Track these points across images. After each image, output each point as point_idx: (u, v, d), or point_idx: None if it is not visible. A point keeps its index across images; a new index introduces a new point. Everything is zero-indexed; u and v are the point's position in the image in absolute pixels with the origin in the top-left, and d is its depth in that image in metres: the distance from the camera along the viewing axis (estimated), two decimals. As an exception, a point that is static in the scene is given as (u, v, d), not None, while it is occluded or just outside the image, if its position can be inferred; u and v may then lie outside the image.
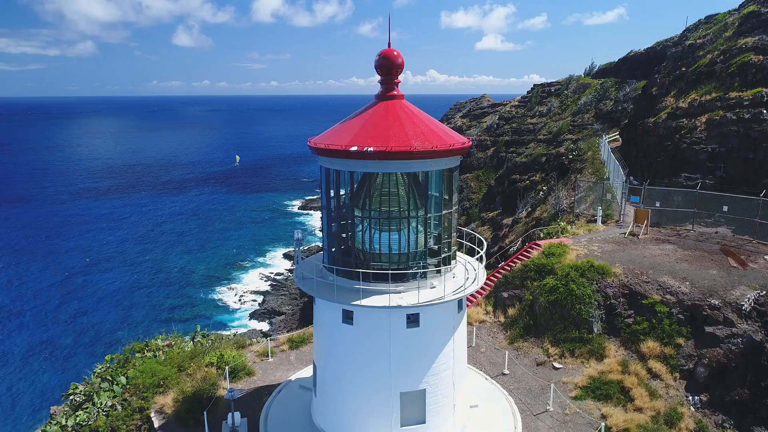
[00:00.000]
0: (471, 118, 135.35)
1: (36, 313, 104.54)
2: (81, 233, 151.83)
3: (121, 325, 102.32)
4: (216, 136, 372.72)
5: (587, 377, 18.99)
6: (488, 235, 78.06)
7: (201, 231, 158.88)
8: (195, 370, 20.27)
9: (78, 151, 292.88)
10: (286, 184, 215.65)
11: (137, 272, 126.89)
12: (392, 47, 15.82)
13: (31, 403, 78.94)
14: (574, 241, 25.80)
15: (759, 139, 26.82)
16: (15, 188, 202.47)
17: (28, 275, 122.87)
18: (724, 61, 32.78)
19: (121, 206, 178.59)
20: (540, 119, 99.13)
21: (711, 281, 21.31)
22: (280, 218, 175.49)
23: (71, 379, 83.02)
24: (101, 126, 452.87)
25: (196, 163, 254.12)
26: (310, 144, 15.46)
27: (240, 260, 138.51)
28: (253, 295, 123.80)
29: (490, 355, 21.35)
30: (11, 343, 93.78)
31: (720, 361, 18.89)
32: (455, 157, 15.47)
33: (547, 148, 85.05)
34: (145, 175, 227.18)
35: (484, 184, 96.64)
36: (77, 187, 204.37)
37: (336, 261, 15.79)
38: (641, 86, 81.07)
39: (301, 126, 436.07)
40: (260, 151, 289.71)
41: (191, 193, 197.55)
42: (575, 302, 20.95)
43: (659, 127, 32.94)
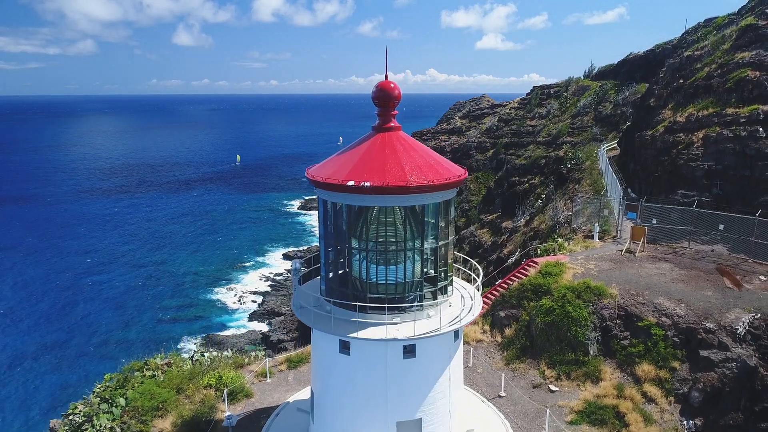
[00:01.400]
0: (470, 119, 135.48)
1: (37, 314, 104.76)
2: (82, 233, 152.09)
3: (121, 326, 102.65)
4: (216, 135, 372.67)
5: (583, 401, 19.15)
6: (487, 238, 78.29)
7: (201, 231, 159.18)
8: (194, 392, 20.43)
9: (79, 151, 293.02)
10: (286, 184, 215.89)
11: (137, 273, 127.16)
12: (389, 80, 15.95)
13: (30, 403, 79.16)
14: (571, 259, 25.94)
15: (755, 157, 26.95)
16: (16, 187, 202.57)
17: (29, 275, 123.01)
18: (721, 75, 32.89)
19: (122, 207, 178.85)
20: (539, 121, 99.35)
21: (706, 303, 21.45)
22: (279, 218, 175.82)
23: (71, 380, 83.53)
24: (102, 125, 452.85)
25: (197, 163, 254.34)
26: (308, 175, 15.60)
27: (240, 261, 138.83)
28: (252, 296, 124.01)
29: (486, 376, 21.51)
30: (13, 343, 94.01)
31: (714, 385, 19.04)
32: (451, 190, 15.58)
33: (547, 151, 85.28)
34: (146, 175, 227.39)
35: (483, 185, 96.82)
36: (78, 187, 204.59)
37: (333, 292, 15.91)
38: (641, 89, 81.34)
39: (301, 125, 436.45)
40: (260, 151, 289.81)
41: (192, 193, 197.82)
42: (571, 324, 21.11)
43: (657, 141, 33.06)
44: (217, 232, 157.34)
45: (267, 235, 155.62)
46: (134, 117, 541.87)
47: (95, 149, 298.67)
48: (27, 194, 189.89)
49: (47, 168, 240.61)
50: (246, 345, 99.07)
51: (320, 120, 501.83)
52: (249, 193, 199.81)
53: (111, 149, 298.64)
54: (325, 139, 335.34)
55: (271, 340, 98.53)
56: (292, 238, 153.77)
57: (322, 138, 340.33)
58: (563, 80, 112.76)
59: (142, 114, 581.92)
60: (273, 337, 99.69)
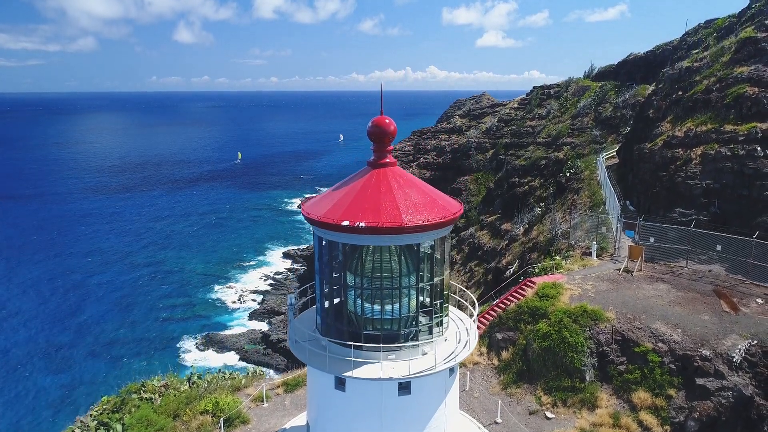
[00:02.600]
0: (470, 119, 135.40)
1: (39, 313, 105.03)
2: (83, 232, 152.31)
3: (122, 325, 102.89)
4: (217, 132, 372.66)
5: (579, 430, 19.18)
6: (487, 240, 78.32)
7: (202, 230, 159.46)
8: (190, 418, 20.47)
9: (82, 149, 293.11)
10: (287, 182, 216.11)
11: (138, 272, 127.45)
12: (384, 115, 15.92)
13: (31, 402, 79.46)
14: (569, 279, 25.95)
15: (753, 176, 26.92)
16: (18, 185, 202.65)
17: (32, 274, 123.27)
18: (719, 90, 32.81)
19: (124, 205, 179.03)
20: (539, 122, 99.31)
21: (703, 328, 21.47)
22: (280, 217, 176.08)
23: (72, 379, 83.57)
24: (104, 122, 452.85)
25: (199, 161, 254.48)
26: (303, 212, 15.56)
27: (240, 259, 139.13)
28: (252, 295, 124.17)
29: (483, 401, 21.54)
30: (15, 342, 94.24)
31: (711, 414, 19.07)
32: (447, 227, 15.55)
33: (546, 152, 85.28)
34: (148, 173, 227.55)
35: (483, 186, 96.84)
36: (79, 186, 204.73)
37: (328, 327, 15.93)
38: (641, 92, 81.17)
39: (302, 123, 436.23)
40: (261, 148, 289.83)
41: (193, 192, 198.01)
42: (568, 350, 21.13)
43: (655, 155, 33.02)
44: (218, 230, 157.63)
45: (267, 233, 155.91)
46: (135, 114, 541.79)
47: (97, 147, 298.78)
48: (29, 192, 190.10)
49: (50, 166, 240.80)
50: (246, 344, 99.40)
51: (321, 117, 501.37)
52: (250, 191, 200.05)
53: (113, 147, 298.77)
54: (325, 137, 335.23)
55: (271, 339, 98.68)
56: (292, 237, 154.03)
57: (322, 136, 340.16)
58: (563, 80, 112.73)
59: (143, 111, 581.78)
60: (273, 337, 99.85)
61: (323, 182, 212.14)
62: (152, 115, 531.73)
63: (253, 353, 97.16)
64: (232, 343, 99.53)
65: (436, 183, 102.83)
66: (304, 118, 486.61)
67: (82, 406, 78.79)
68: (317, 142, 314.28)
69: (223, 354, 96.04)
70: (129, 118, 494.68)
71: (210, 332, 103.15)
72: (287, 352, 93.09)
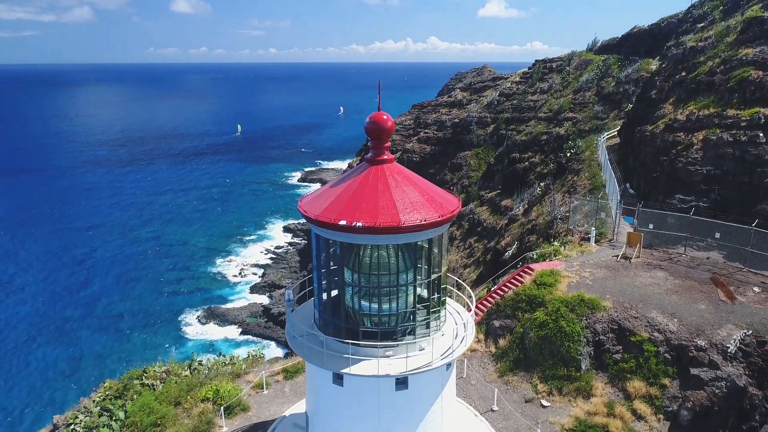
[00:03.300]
0: (471, 92, 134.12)
1: (40, 286, 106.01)
2: (83, 206, 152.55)
3: (124, 299, 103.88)
4: (217, 105, 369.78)
5: (574, 419, 19.48)
6: (487, 216, 78.37)
7: (203, 203, 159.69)
8: (191, 405, 20.80)
9: (80, 122, 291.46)
10: (287, 155, 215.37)
11: (139, 245, 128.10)
12: (382, 111, 15.75)
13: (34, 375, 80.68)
14: (567, 266, 26.04)
15: (754, 163, 26.75)
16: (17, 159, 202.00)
17: (32, 249, 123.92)
18: (723, 72, 32.38)
19: (124, 179, 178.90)
20: (541, 96, 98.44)
21: (699, 318, 21.63)
22: (279, 190, 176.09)
23: (74, 352, 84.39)
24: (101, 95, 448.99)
25: (198, 134, 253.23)
26: (301, 210, 15.51)
27: (240, 233, 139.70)
28: (253, 269, 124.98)
29: (480, 388, 21.84)
30: (16, 315, 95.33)
31: (704, 404, 19.35)
32: (444, 225, 15.53)
33: (548, 127, 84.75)
34: (148, 146, 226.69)
35: (483, 161, 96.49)
36: (78, 160, 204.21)
37: (326, 323, 16.05)
38: (644, 66, 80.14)
39: (301, 95, 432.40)
40: (261, 121, 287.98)
41: (193, 165, 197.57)
42: (564, 339, 21.33)
43: (656, 139, 32.77)
44: (219, 204, 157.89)
45: (268, 207, 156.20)
46: (134, 87, 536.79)
47: (97, 120, 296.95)
48: (31, 167, 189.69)
49: (50, 140, 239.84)
50: (247, 317, 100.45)
51: (320, 90, 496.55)
52: (250, 165, 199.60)
53: (113, 120, 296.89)
54: (325, 109, 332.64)
55: (272, 312, 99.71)
56: (292, 211, 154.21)
57: (322, 109, 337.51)
58: (566, 53, 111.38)
59: (141, 83, 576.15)
60: (274, 310, 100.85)
61: (323, 156, 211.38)
62: (151, 87, 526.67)
63: (255, 326, 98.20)
64: (233, 316, 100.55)
65: (436, 158, 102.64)
66: (303, 91, 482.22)
67: (87, 379, 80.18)
68: (317, 115, 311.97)
69: (224, 327, 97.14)
70: (127, 91, 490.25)
71: (212, 305, 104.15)
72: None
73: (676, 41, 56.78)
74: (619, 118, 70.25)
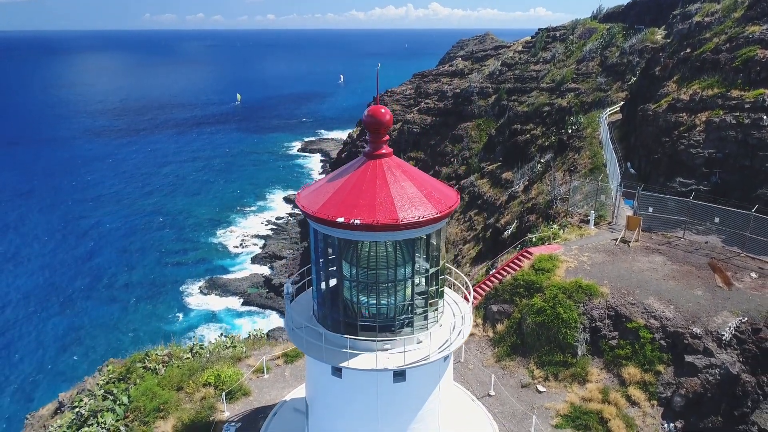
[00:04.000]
0: (473, 61, 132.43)
1: (41, 257, 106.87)
2: (83, 176, 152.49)
3: (126, 269, 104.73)
4: (216, 73, 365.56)
5: (569, 404, 19.84)
6: (487, 189, 78.29)
7: (202, 173, 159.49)
8: (193, 390, 21.18)
9: (79, 91, 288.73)
10: (286, 125, 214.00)
11: (140, 216, 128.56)
12: (380, 97, 15.56)
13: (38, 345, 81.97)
14: (565, 249, 26.12)
15: (757, 146, 26.53)
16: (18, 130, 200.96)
17: (33, 219, 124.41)
18: (729, 50, 31.84)
19: (124, 149, 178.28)
20: (543, 66, 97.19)
21: (695, 305, 21.80)
22: (279, 161, 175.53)
23: (80, 322, 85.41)
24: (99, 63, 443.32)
25: (198, 103, 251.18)
26: (300, 205, 15.47)
27: (241, 204, 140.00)
28: (254, 239, 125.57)
29: (477, 372, 22.17)
30: (18, 285, 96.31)
31: (697, 391, 19.66)
32: (443, 221, 15.51)
33: (550, 98, 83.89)
34: (147, 115, 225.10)
35: (484, 132, 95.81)
36: (78, 129, 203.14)
37: (325, 317, 16.20)
38: (649, 37, 78.80)
39: (301, 63, 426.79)
40: (260, 90, 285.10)
41: (193, 135, 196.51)
42: (561, 326, 21.55)
43: (659, 119, 32.45)
44: (219, 174, 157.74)
45: (268, 178, 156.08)
46: (132, 54, 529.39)
47: (97, 89, 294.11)
48: (29, 137, 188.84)
49: (51, 109, 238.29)
50: (249, 287, 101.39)
51: (320, 57, 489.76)
52: (250, 135, 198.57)
53: (112, 89, 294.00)
54: (325, 78, 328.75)
55: (273, 283, 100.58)
56: (293, 181, 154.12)
57: (322, 77, 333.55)
58: (570, 21, 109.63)
59: (138, 51, 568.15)
60: (275, 281, 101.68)
61: (324, 125, 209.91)
62: (148, 55, 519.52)
63: (256, 297, 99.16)
64: (235, 287, 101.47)
65: (437, 129, 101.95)
66: (303, 58, 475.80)
67: (91, 349, 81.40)
68: (317, 83, 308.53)
69: (226, 298, 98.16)
70: (126, 59, 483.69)
71: (213, 276, 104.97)
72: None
73: (682, 11, 55.73)
74: (622, 89, 69.47)
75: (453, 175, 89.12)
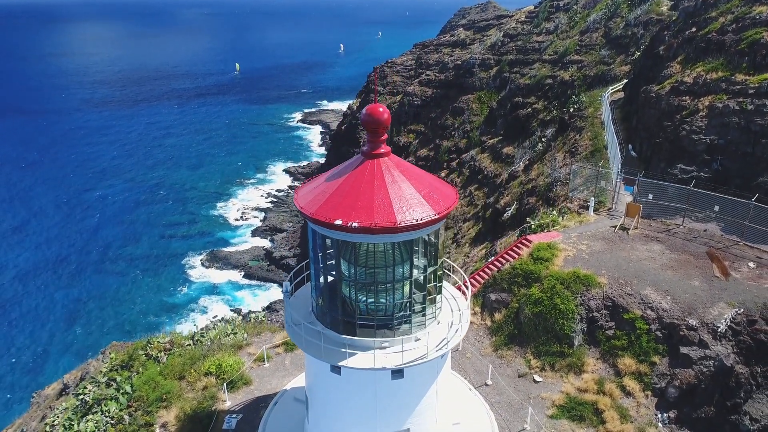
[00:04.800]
0: (475, 31, 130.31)
1: (42, 229, 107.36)
2: (82, 147, 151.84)
3: (127, 242, 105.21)
4: (214, 42, 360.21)
5: (564, 395, 20.16)
6: (487, 164, 77.98)
7: (202, 145, 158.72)
8: (195, 379, 21.52)
9: (79, 61, 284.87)
10: (286, 95, 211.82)
11: (140, 188, 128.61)
12: (378, 100, 15.38)
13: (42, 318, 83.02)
14: (564, 237, 26.17)
15: (759, 133, 26.28)
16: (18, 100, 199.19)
17: (33, 190, 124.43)
18: (735, 31, 31.27)
19: (122, 119, 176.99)
20: (546, 37, 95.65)
21: (692, 295, 21.94)
22: (279, 132, 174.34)
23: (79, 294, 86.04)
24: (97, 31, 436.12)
25: (197, 73, 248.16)
26: (298, 206, 15.42)
27: (240, 176, 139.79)
28: (254, 212, 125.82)
29: (475, 361, 22.47)
30: (19, 258, 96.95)
31: (691, 382, 19.95)
32: (441, 222, 15.49)
33: (552, 70, 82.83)
34: (145, 85, 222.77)
35: (485, 105, 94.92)
36: (76, 99, 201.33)
37: (324, 315, 16.33)
38: (654, 8, 77.27)
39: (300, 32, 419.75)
40: (259, 60, 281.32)
41: (192, 106, 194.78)
42: (558, 317, 21.74)
43: (661, 101, 32.11)
44: (218, 146, 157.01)
45: (267, 150, 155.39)
46: (129, 22, 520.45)
47: (96, 59, 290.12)
48: (29, 107, 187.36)
49: (51, 80, 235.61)
50: (250, 260, 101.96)
51: (319, 26, 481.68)
52: (249, 106, 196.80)
53: (112, 59, 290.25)
54: (325, 47, 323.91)
55: (274, 256, 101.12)
56: (292, 153, 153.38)
57: (322, 46, 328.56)
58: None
59: (136, 19, 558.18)
60: (276, 253, 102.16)
61: (323, 96, 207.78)
62: (146, 23, 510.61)
63: (257, 269, 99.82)
64: (236, 259, 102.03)
65: (437, 101, 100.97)
66: (302, 27, 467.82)
67: (94, 321, 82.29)
68: (317, 53, 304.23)
69: (227, 271, 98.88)
70: (123, 27, 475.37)
71: (214, 249, 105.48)
72: (290, 268, 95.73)
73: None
74: (625, 63, 68.54)
75: (454, 149, 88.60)
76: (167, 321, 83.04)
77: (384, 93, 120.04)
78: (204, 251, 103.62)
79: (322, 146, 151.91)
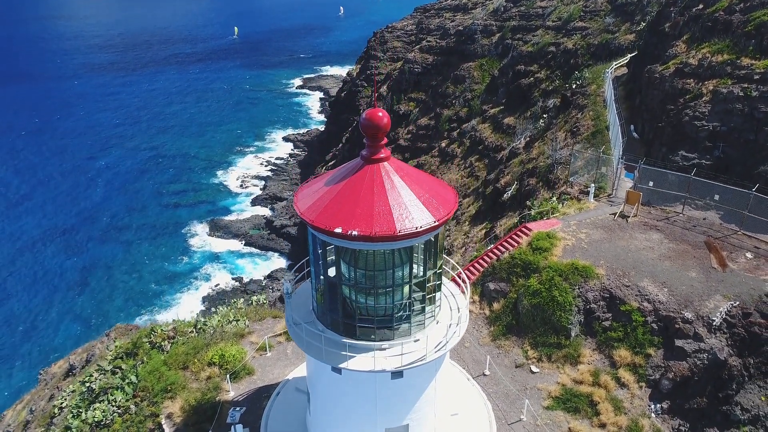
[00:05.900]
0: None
1: (41, 198, 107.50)
2: (80, 114, 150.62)
3: (127, 211, 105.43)
4: (211, 4, 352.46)
5: (561, 386, 20.59)
6: (488, 134, 77.43)
7: (201, 112, 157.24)
8: (199, 369, 21.95)
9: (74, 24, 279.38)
10: (285, 61, 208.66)
11: (139, 155, 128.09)
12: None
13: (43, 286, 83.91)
14: (564, 225, 26.24)
15: (762, 121, 26.02)
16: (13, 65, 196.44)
17: (32, 159, 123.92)
18: (743, 11, 30.61)
19: (119, 86, 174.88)
20: (550, 2, 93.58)
21: (689, 287, 22.15)
22: (278, 99, 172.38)
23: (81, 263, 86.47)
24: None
25: (195, 38, 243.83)
26: (298, 211, 15.44)
27: (240, 144, 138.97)
28: (254, 180, 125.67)
29: (473, 351, 22.87)
30: (20, 228, 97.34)
31: (684, 375, 20.34)
32: (440, 228, 15.54)
33: (555, 37, 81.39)
34: (142, 51, 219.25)
35: (487, 73, 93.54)
36: (72, 65, 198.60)
37: (324, 316, 16.56)
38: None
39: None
40: (258, 23, 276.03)
41: (191, 72, 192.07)
42: (556, 309, 22.00)
43: (665, 83, 31.69)
44: (217, 113, 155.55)
45: (267, 117, 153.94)
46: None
47: (92, 23, 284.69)
48: (28, 71, 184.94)
49: (46, 44, 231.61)
50: (250, 229, 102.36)
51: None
52: (247, 71, 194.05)
53: (109, 23, 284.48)
54: (324, 10, 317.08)
55: (275, 225, 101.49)
56: (291, 120, 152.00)
57: (321, 9, 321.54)
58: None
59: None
60: (276, 222, 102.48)
61: (323, 61, 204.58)
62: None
63: (258, 238, 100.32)
64: (236, 228, 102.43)
65: (438, 69, 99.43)
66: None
67: (98, 291, 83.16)
68: (316, 16, 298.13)
69: (228, 240, 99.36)
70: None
71: (215, 218, 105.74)
72: (291, 237, 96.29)
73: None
74: (630, 32, 67.24)
75: (454, 118, 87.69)
76: (170, 290, 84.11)
77: (384, 59, 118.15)
78: (205, 220, 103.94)
79: (322, 113, 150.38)
